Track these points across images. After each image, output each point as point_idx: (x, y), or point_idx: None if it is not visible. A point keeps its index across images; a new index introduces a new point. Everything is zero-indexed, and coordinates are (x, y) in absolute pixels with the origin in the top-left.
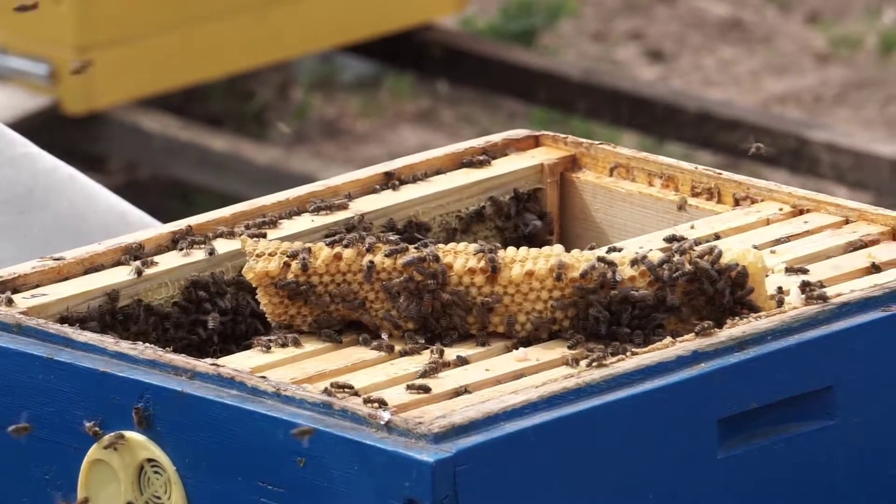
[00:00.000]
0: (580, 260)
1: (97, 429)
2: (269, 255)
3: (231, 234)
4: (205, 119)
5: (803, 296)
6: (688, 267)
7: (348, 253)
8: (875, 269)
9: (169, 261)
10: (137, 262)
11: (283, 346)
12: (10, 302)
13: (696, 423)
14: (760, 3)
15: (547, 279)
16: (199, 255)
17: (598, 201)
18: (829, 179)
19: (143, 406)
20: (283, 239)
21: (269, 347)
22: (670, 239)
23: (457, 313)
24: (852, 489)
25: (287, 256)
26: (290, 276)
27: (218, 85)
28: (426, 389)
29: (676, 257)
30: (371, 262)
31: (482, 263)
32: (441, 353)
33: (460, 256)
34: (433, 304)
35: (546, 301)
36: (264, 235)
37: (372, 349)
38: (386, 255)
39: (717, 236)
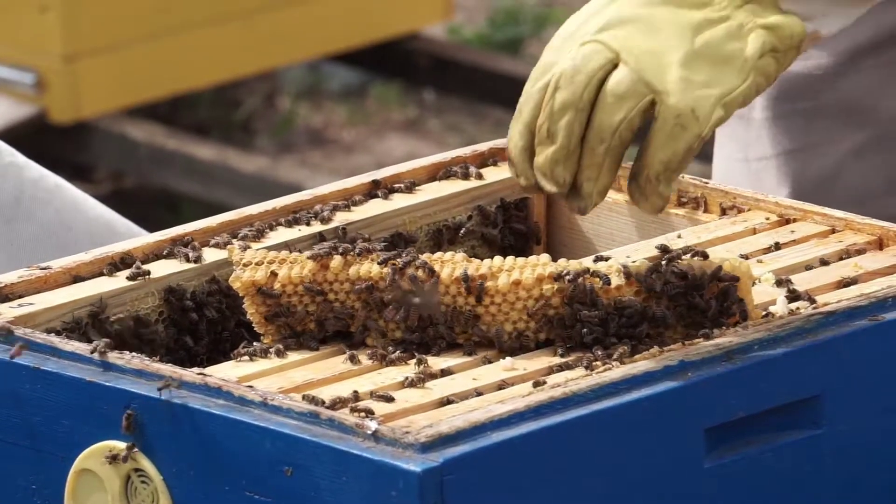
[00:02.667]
0: (568, 269)
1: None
2: (256, 264)
3: (223, 244)
4: (191, 128)
5: (790, 305)
6: (677, 277)
7: (335, 262)
8: (848, 283)
9: (156, 270)
10: (129, 271)
11: (270, 355)
12: None
13: (683, 433)
14: None
15: (534, 289)
16: (187, 264)
17: None
18: None
19: (133, 412)
20: (270, 248)
21: (256, 356)
22: (659, 248)
23: (444, 324)
24: (840, 498)
25: (311, 258)
26: (276, 286)
27: (205, 94)
28: (389, 399)
29: (665, 267)
30: (371, 284)
31: (470, 272)
32: (428, 362)
33: (447, 266)
34: (420, 316)
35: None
36: (248, 245)
37: (359, 358)
38: (378, 264)
39: (703, 246)
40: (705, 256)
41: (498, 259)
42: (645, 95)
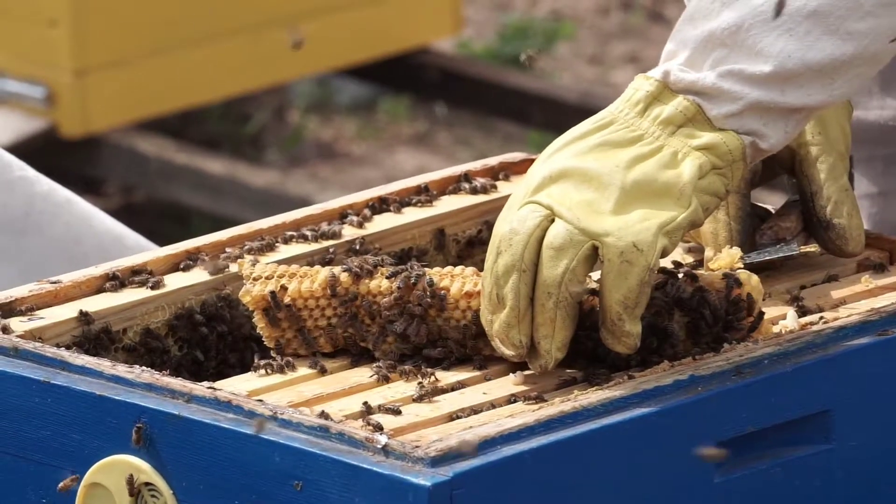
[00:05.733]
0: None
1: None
2: (266, 278)
3: (233, 258)
4: (201, 142)
5: (800, 320)
6: (688, 291)
7: (345, 278)
8: (858, 298)
9: (166, 284)
10: (148, 283)
11: (280, 369)
12: (6, 325)
13: (694, 447)
14: None
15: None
16: (197, 277)
17: None
18: None
19: (143, 425)
20: (280, 262)
21: (266, 370)
22: (673, 262)
23: (452, 339)
24: None
25: (346, 270)
26: (286, 300)
27: (214, 108)
28: (398, 412)
29: (673, 283)
30: (399, 294)
31: (479, 288)
32: (437, 376)
33: (457, 280)
34: (429, 333)
35: None
36: (258, 260)
37: (369, 372)
38: (386, 278)
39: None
40: (717, 272)
41: None
42: (583, 243)
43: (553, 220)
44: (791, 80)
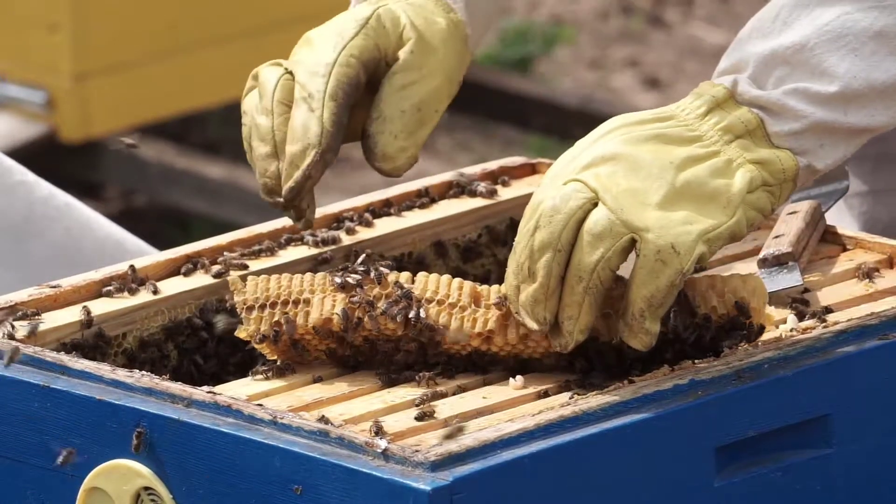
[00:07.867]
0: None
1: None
2: (260, 307)
3: (228, 262)
4: (202, 146)
5: (800, 324)
6: (689, 324)
7: (336, 321)
8: (858, 302)
9: (166, 288)
10: (145, 288)
11: (280, 373)
12: (11, 332)
13: (694, 452)
14: None
15: (543, 341)
16: (197, 282)
17: None
18: None
19: (143, 430)
20: (277, 268)
21: (266, 375)
22: None
23: (455, 364)
24: None
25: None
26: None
27: (215, 112)
28: (430, 415)
29: (675, 314)
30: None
31: (478, 329)
32: (437, 381)
33: (455, 316)
34: (429, 359)
35: (545, 349)
36: (247, 267)
37: (369, 377)
38: (382, 313)
39: (714, 264)
40: (723, 291)
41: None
42: (622, 235)
43: (596, 204)
44: (855, 100)
